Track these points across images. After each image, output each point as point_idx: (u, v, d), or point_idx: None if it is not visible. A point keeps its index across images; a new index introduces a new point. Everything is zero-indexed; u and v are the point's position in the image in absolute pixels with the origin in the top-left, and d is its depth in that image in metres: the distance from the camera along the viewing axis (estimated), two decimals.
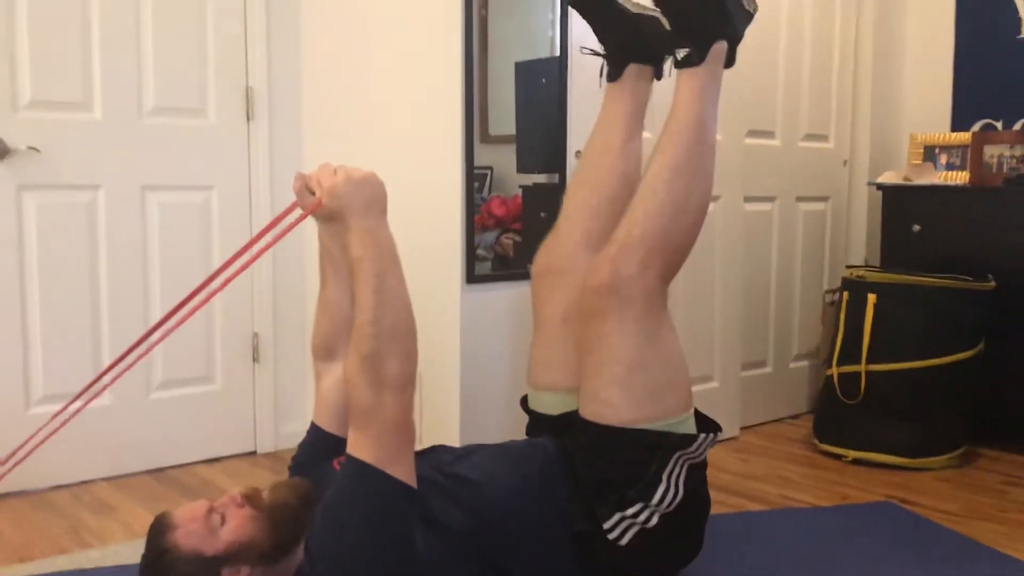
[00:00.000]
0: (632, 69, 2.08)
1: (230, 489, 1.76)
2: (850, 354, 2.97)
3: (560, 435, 1.95)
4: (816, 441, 3.09)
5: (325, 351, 1.98)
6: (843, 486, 2.74)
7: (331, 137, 2.99)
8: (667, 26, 1.95)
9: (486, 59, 2.56)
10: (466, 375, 2.57)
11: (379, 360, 1.64)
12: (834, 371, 3.02)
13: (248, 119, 2.98)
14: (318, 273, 2.00)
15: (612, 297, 1.78)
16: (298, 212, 1.82)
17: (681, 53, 1.89)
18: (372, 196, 1.73)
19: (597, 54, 2.14)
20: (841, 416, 3.01)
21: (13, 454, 1.80)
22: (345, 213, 1.72)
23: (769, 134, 3.40)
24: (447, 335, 2.57)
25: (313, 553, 1.67)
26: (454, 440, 2.53)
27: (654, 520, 1.76)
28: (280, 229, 1.79)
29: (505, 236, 2.66)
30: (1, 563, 2.15)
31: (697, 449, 1.80)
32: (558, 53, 2.67)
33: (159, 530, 1.68)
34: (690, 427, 1.82)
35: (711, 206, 3.09)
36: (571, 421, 1.92)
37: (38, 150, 2.62)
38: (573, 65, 2.69)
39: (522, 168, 2.68)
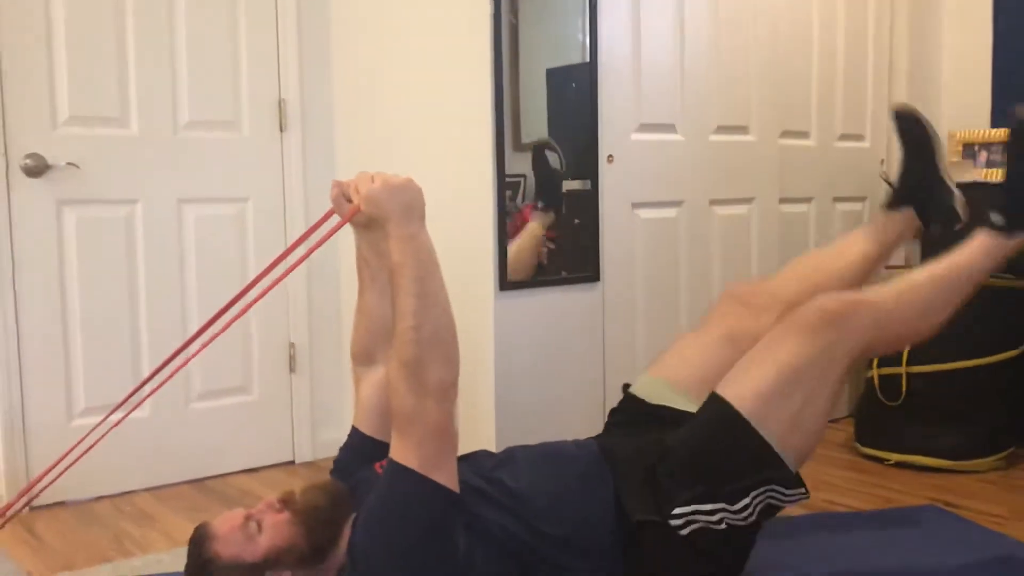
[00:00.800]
0: (908, 213, 2.22)
1: (266, 497, 1.78)
2: (891, 356, 2.93)
3: (640, 425, 1.99)
4: (857, 444, 3.05)
5: (364, 357, 2.01)
6: (886, 490, 2.69)
7: (363, 147, 3.01)
8: (958, 208, 2.21)
9: (517, 66, 2.56)
10: (500, 382, 2.57)
11: (421, 366, 1.65)
12: (874, 373, 2.98)
13: (281, 131, 3.01)
14: (353, 282, 2.02)
15: (828, 326, 1.81)
16: (336, 220, 1.83)
17: (996, 218, 2.01)
18: (411, 202, 1.73)
19: (888, 183, 2.30)
20: (882, 419, 2.96)
21: (55, 465, 1.83)
22: (384, 219, 1.73)
23: (804, 134, 3.37)
24: (481, 342, 2.57)
25: (355, 555, 1.69)
26: (489, 446, 2.53)
27: (722, 525, 1.76)
28: (318, 237, 1.81)
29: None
30: (47, 572, 2.18)
31: (789, 495, 1.81)
32: (588, 59, 2.67)
33: (199, 541, 1.71)
34: (791, 469, 1.82)
35: (745, 208, 3.10)
36: (658, 416, 1.98)
37: (77, 166, 2.67)
38: (603, 70, 2.69)
39: None
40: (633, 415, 2.07)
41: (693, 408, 1.92)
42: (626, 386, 2.15)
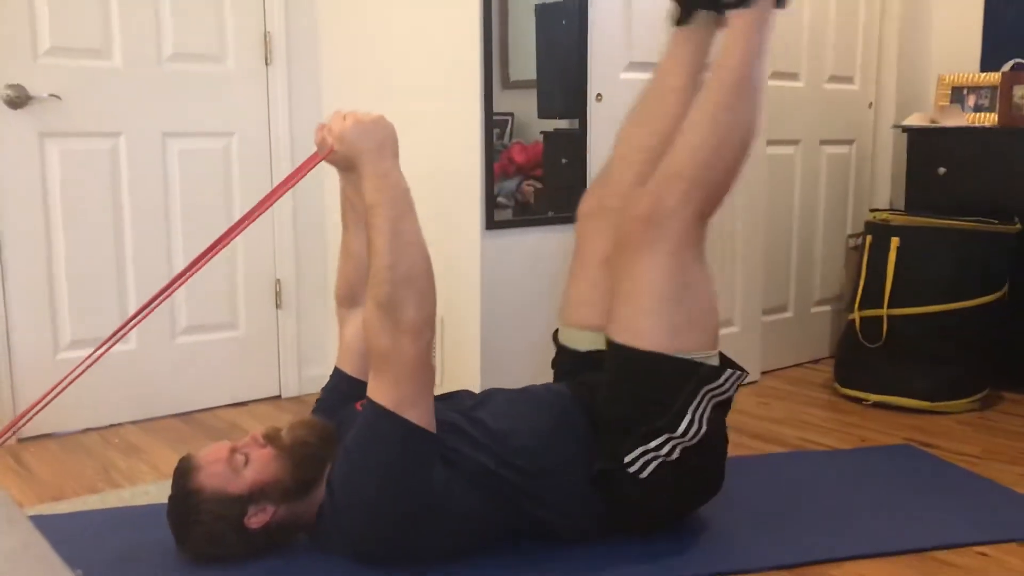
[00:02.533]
0: (700, 15, 2.08)
1: (252, 430, 1.80)
2: (872, 298, 2.96)
3: (584, 371, 1.99)
4: (837, 385, 3.10)
5: (348, 298, 2.02)
6: (863, 429, 2.74)
7: (349, 81, 2.97)
8: None
9: (506, 2, 2.53)
10: (486, 321, 2.58)
11: (395, 305, 1.66)
12: (856, 315, 3.01)
13: (266, 64, 2.97)
14: (339, 219, 2.02)
15: (650, 229, 1.80)
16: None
17: None
18: (383, 140, 1.73)
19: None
20: (862, 360, 3.00)
21: (43, 398, 1.84)
22: (356, 158, 1.73)
23: (793, 76, 3.35)
24: (467, 281, 2.58)
25: (335, 491, 1.72)
26: (475, 385, 2.56)
27: (676, 454, 1.79)
28: (296, 179, 1.82)
29: (526, 183, 2.65)
30: (36, 501, 2.20)
31: (723, 384, 1.82)
32: None
33: (184, 472, 1.73)
34: (709, 362, 1.83)
35: None
36: (597, 359, 1.94)
37: (59, 97, 2.63)
38: (594, 7, 2.66)
39: (543, 114, 2.66)
40: (571, 365, 2.08)
41: None
42: (555, 333, 2.16)
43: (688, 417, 1.78)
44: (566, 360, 2.11)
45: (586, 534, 1.86)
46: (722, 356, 1.88)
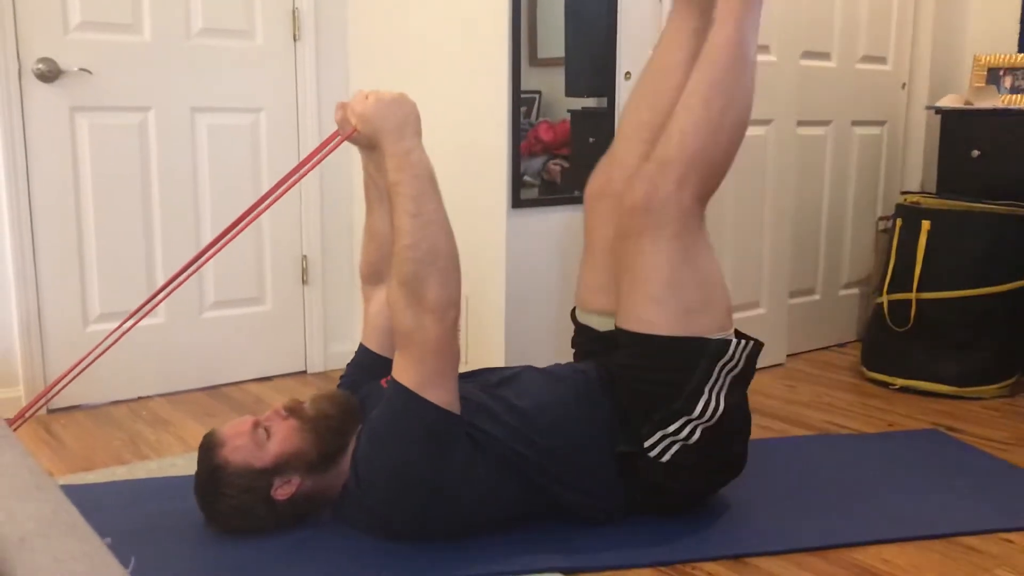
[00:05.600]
0: None
1: (274, 404, 1.82)
2: (901, 282, 2.93)
3: (604, 350, 1.98)
4: (864, 369, 3.07)
5: (373, 276, 2.03)
6: (890, 414, 2.72)
7: (377, 58, 2.97)
8: None
9: None
10: (511, 299, 2.58)
11: (418, 284, 1.66)
12: (884, 298, 2.98)
13: (295, 40, 2.97)
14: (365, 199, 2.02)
15: (647, 216, 1.78)
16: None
17: None
18: (404, 118, 1.72)
19: None
20: (890, 344, 2.98)
21: (72, 369, 1.87)
22: (378, 137, 1.73)
23: (825, 55, 3.31)
24: (493, 260, 2.58)
25: (359, 468, 1.73)
26: (499, 363, 2.56)
27: (696, 435, 1.78)
28: (318, 159, 1.82)
29: (553, 162, 2.64)
30: (65, 471, 2.24)
31: (734, 356, 1.80)
32: None
33: (208, 447, 1.75)
34: (721, 336, 1.81)
35: (763, 130, 3.06)
36: (615, 337, 1.93)
37: (89, 72, 2.64)
38: None
39: (571, 92, 2.64)
40: (590, 344, 2.08)
41: None
42: (573, 311, 2.16)
43: (704, 396, 1.77)
44: (585, 339, 2.11)
45: (608, 515, 1.86)
46: (737, 332, 1.87)
